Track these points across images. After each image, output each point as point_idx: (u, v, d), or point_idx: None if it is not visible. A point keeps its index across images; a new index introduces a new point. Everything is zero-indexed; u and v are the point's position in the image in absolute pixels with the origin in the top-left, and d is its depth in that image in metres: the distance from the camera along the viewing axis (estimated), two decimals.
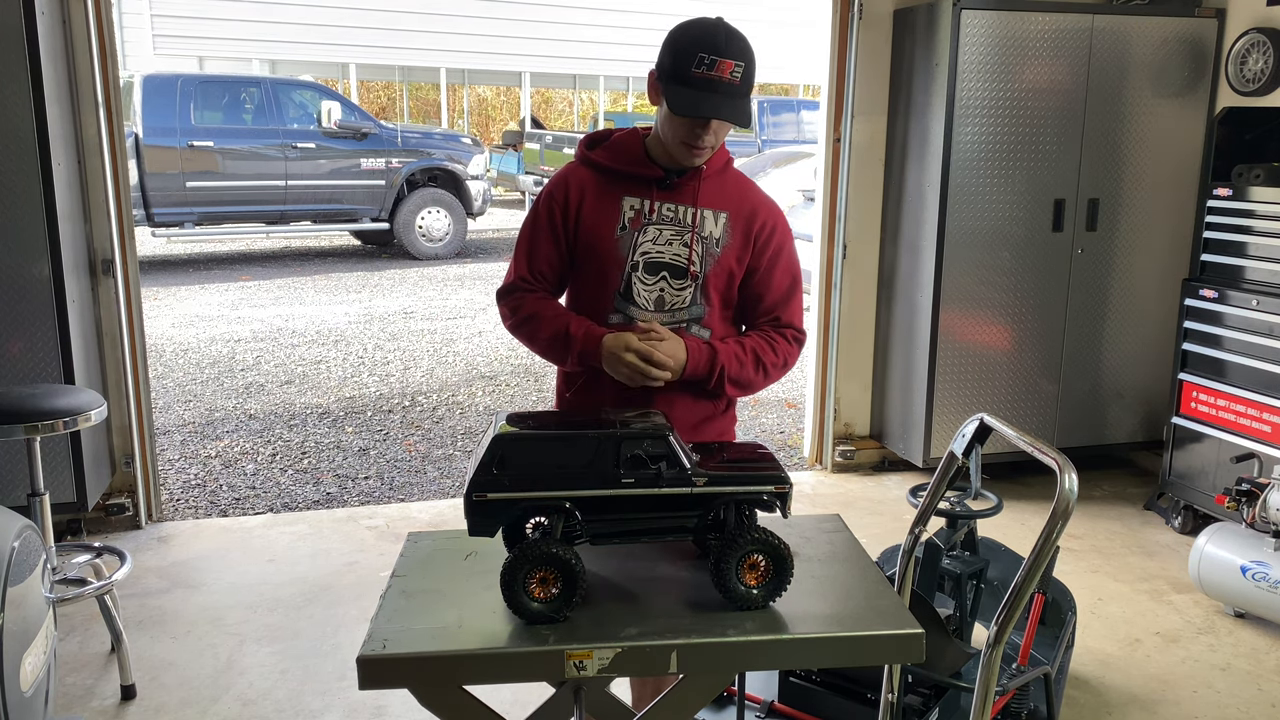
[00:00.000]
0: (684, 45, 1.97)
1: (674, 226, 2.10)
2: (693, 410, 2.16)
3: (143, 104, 10.27)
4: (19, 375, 3.73)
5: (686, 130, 2.01)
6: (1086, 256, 4.69)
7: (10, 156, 3.59)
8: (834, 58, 4.72)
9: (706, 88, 1.94)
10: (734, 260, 2.13)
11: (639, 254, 2.09)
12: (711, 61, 1.93)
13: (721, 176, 2.16)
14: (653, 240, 2.09)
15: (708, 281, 2.11)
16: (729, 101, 1.96)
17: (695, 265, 2.09)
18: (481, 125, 24.77)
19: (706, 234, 2.11)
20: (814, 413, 5.12)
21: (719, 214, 2.13)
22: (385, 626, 1.62)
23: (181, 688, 3.12)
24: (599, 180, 2.14)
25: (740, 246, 2.14)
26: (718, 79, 1.94)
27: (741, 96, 1.98)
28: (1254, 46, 4.49)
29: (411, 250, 11.68)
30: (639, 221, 2.10)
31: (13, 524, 2.12)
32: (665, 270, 2.10)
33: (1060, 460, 1.68)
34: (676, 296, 2.11)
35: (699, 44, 1.94)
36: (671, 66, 1.98)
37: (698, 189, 2.11)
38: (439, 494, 4.85)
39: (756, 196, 2.19)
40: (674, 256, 2.10)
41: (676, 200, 2.11)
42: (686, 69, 1.95)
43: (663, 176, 2.10)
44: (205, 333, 8.08)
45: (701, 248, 2.10)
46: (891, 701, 2.22)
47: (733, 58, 1.94)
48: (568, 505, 1.64)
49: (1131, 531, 4.39)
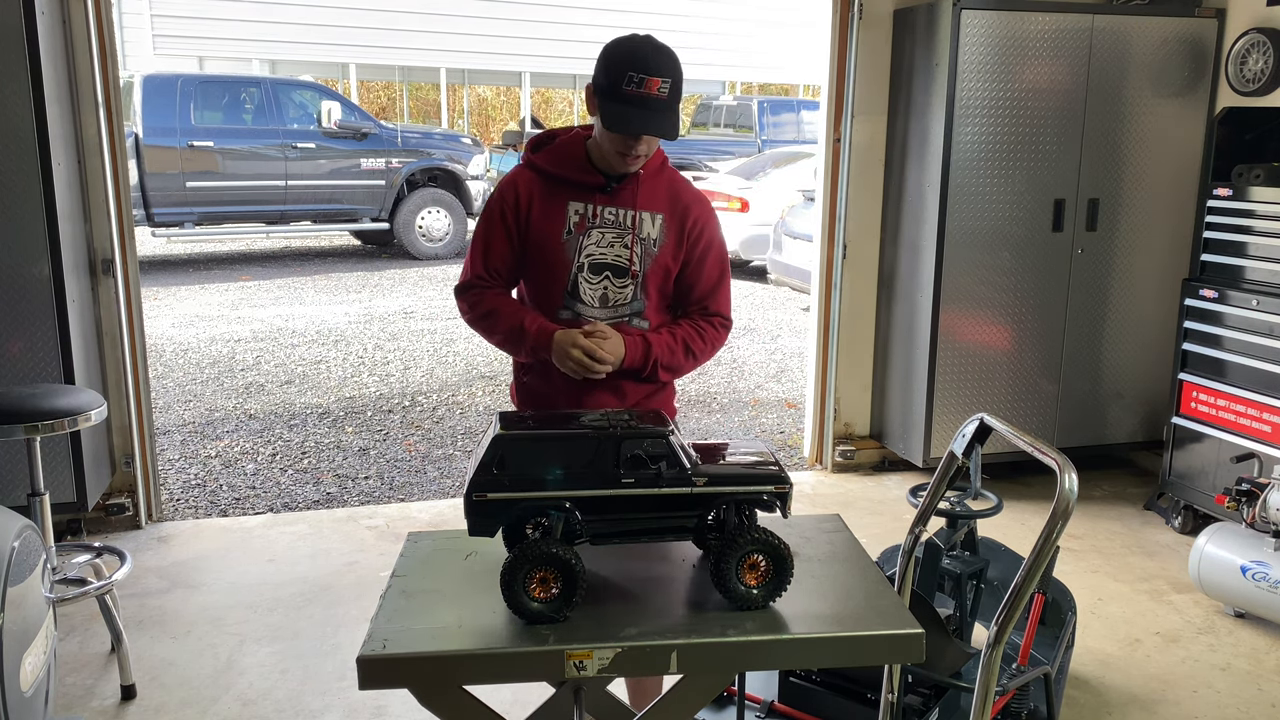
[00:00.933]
0: (615, 63, 2.12)
1: (615, 230, 2.27)
2: (635, 391, 2.35)
3: (143, 104, 10.26)
4: (19, 375, 3.73)
5: (620, 143, 2.17)
6: (1086, 256, 4.69)
7: (10, 156, 3.59)
8: (834, 58, 4.72)
9: (637, 104, 2.10)
10: (670, 258, 2.31)
11: (584, 256, 2.27)
12: (640, 79, 2.08)
13: (657, 178, 2.31)
14: (596, 243, 2.27)
15: (647, 279, 2.29)
16: (657, 117, 2.12)
17: (635, 265, 2.27)
18: (481, 125, 24.75)
19: (645, 235, 2.28)
20: (814, 413, 5.12)
21: (655, 215, 2.29)
22: (385, 626, 1.62)
23: (181, 688, 3.12)
24: (545, 185, 2.30)
25: (675, 245, 2.31)
26: (646, 95, 2.09)
27: (669, 110, 2.14)
28: (1254, 46, 4.49)
29: (411, 250, 11.68)
30: (583, 226, 2.27)
31: (13, 524, 2.12)
32: (608, 270, 2.28)
33: (1060, 460, 1.68)
34: (619, 294, 2.29)
35: (628, 63, 2.10)
36: (605, 84, 2.14)
37: (636, 193, 2.27)
38: (439, 494, 4.85)
39: (689, 195, 2.36)
40: (616, 257, 2.27)
41: (617, 204, 2.27)
42: (618, 86, 2.10)
43: (604, 184, 2.26)
44: (205, 333, 8.08)
45: (640, 249, 2.28)
46: (891, 701, 2.22)
47: (660, 75, 2.09)
48: (568, 505, 1.64)
49: (1131, 531, 4.39)
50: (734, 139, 15.46)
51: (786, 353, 7.85)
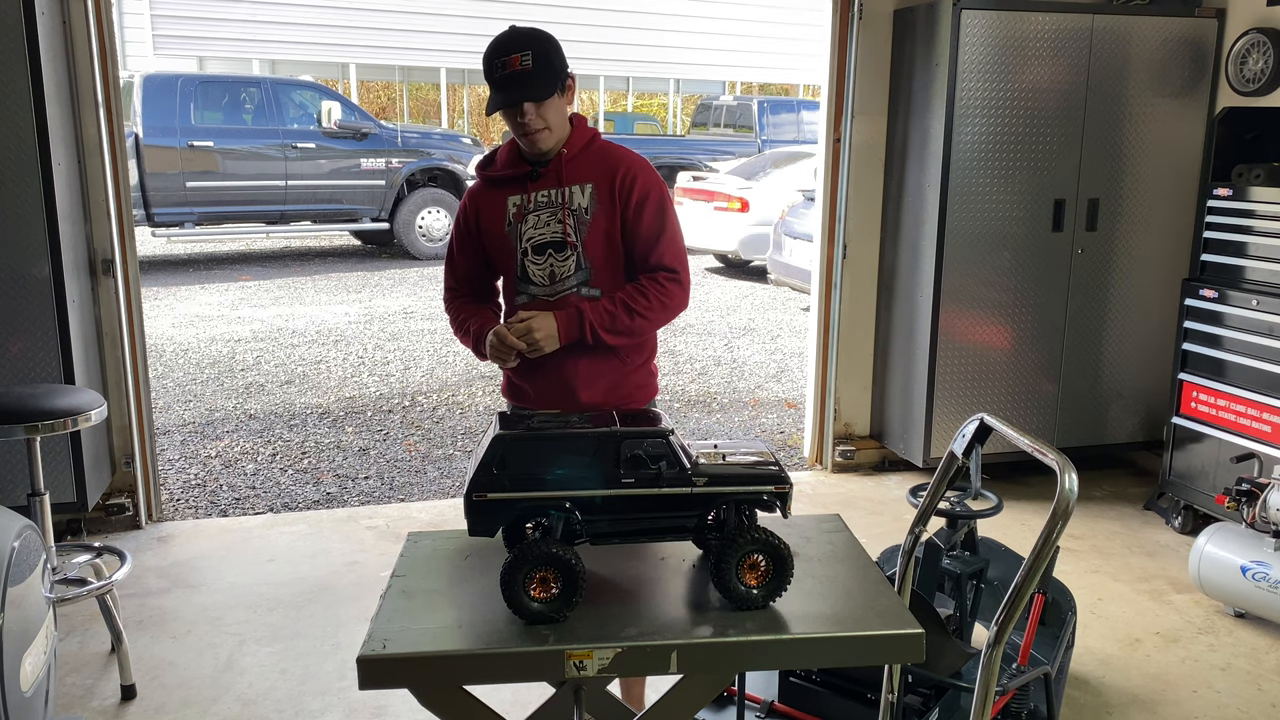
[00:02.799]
0: (485, 60, 2.29)
1: (549, 209, 2.39)
2: (599, 371, 2.43)
3: (143, 104, 10.26)
4: (19, 375, 3.73)
5: (511, 123, 2.32)
6: (1086, 256, 4.69)
7: (10, 156, 3.59)
8: (834, 58, 4.72)
9: (506, 84, 2.26)
10: (605, 220, 2.39)
11: (525, 241, 2.40)
12: (502, 62, 2.25)
13: (584, 154, 2.42)
14: (533, 226, 2.40)
15: (586, 246, 2.39)
16: (525, 86, 2.26)
17: (571, 236, 2.38)
18: (481, 125, 24.75)
19: (575, 206, 2.39)
20: (814, 413, 5.12)
21: (585, 186, 2.40)
22: (385, 626, 1.62)
23: (181, 688, 3.12)
24: (487, 189, 2.48)
25: (609, 206, 2.39)
26: (512, 73, 2.25)
27: (537, 78, 2.26)
28: (1254, 46, 4.49)
29: (411, 250, 11.68)
30: (521, 214, 2.41)
31: (13, 524, 2.12)
32: (550, 247, 2.39)
33: (1060, 460, 1.68)
34: (562, 266, 2.40)
35: (491, 54, 2.27)
36: (486, 79, 2.31)
37: (561, 171, 2.39)
38: (439, 494, 4.85)
39: (619, 158, 2.44)
40: (553, 234, 2.39)
41: (547, 186, 2.39)
42: (491, 76, 2.28)
43: (530, 170, 2.40)
44: (205, 333, 8.08)
45: (573, 219, 2.38)
46: (891, 701, 2.22)
47: (516, 51, 2.25)
48: (568, 505, 1.64)
49: (1131, 531, 4.39)
50: (734, 139, 15.46)
51: (786, 353, 7.85)
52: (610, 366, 2.45)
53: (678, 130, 20.41)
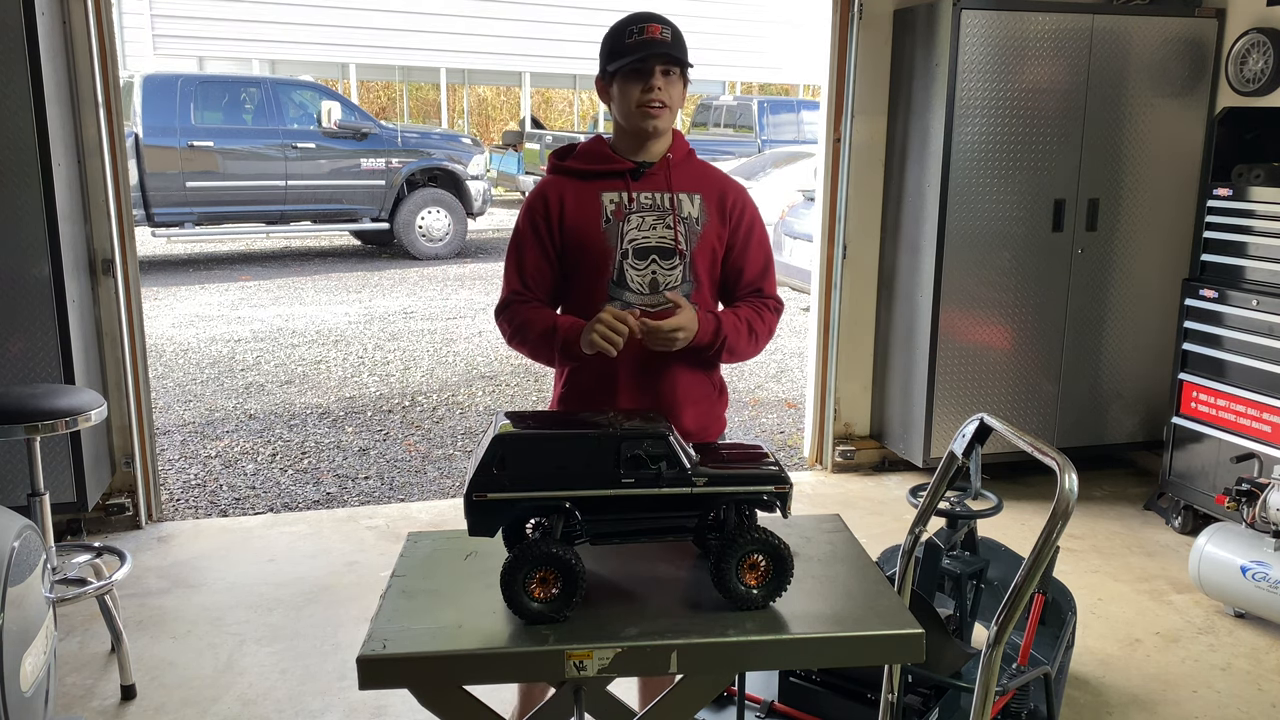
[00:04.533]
0: (612, 33, 2.18)
1: (654, 212, 2.22)
2: (697, 395, 2.28)
3: (143, 104, 10.26)
4: (19, 375, 3.73)
5: (638, 95, 2.15)
6: (1086, 256, 4.69)
7: (10, 156, 3.59)
8: (834, 58, 4.72)
9: (641, 46, 2.13)
10: (714, 237, 2.26)
11: (627, 242, 2.20)
12: (639, 29, 2.13)
13: (687, 164, 2.29)
14: (637, 227, 2.21)
15: (694, 258, 2.23)
16: (663, 51, 2.13)
17: (682, 244, 2.21)
18: (481, 125, 24.76)
19: (686, 215, 2.23)
20: (814, 413, 5.12)
21: (693, 195, 2.25)
22: (385, 626, 1.62)
23: (181, 688, 3.12)
24: (575, 183, 2.26)
25: (718, 224, 2.26)
26: (650, 39, 2.12)
27: (676, 48, 2.14)
28: (1254, 46, 4.48)
29: (411, 250, 11.68)
30: (621, 213, 2.21)
31: (13, 524, 2.12)
32: (654, 253, 2.21)
33: (1060, 460, 1.68)
34: (668, 276, 2.21)
35: (624, 25, 2.16)
36: (609, 52, 2.18)
37: (670, 175, 2.24)
38: (439, 494, 4.85)
39: (723, 179, 2.34)
40: (660, 239, 2.21)
41: (652, 188, 2.23)
42: (620, 44, 2.15)
43: (634, 168, 2.23)
44: (205, 333, 8.08)
45: (684, 227, 2.22)
46: (891, 701, 2.22)
47: (657, 22, 2.14)
48: (568, 505, 1.64)
49: (1131, 531, 4.39)
50: (734, 139, 15.47)
51: (786, 353, 7.85)
52: (704, 392, 2.30)
53: None
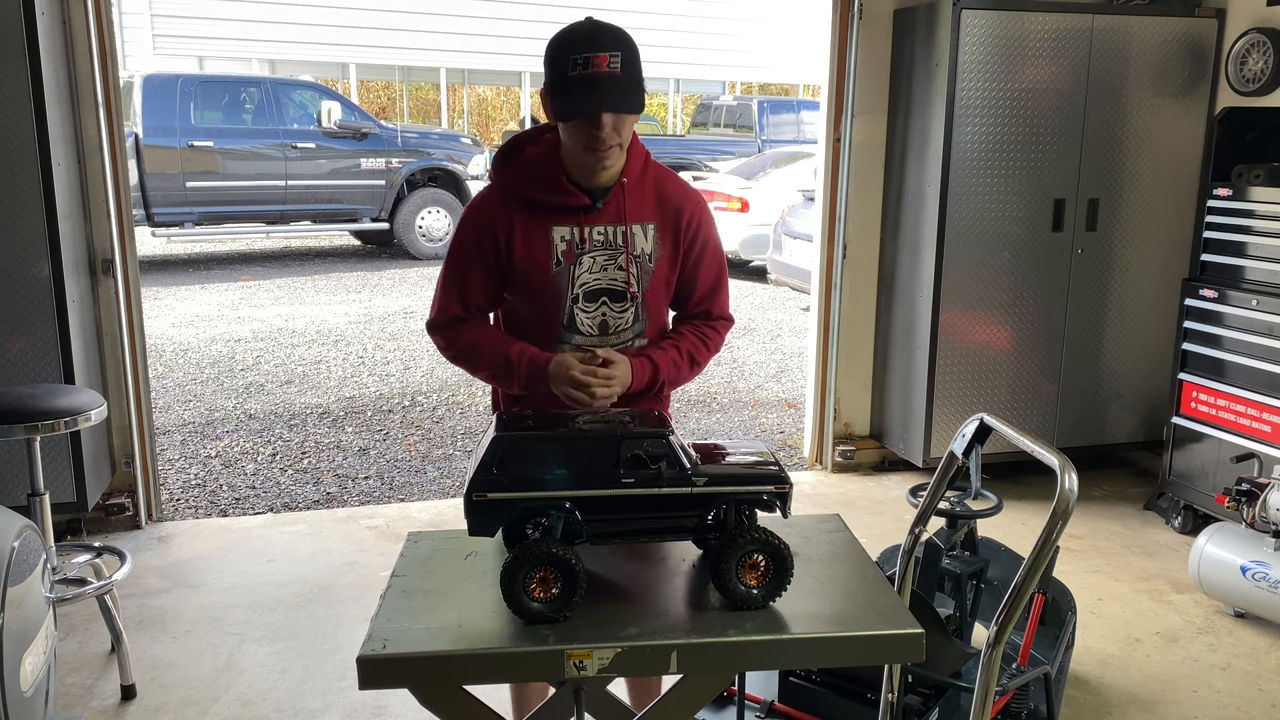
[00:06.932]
0: (556, 52, 1.92)
1: (607, 251, 2.08)
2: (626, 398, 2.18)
3: (143, 104, 10.26)
4: (19, 375, 3.73)
5: (584, 135, 1.95)
6: (1086, 256, 4.69)
7: (10, 156, 3.59)
8: (834, 58, 4.72)
9: (586, 85, 1.89)
10: (667, 270, 2.16)
11: (578, 286, 2.08)
12: (584, 59, 1.88)
13: (642, 183, 2.12)
14: (588, 270, 2.08)
15: (646, 299, 2.14)
16: (612, 92, 1.90)
17: (634, 286, 2.10)
18: (481, 125, 24.75)
19: (639, 252, 2.10)
20: (814, 413, 5.12)
21: (647, 226, 2.11)
22: (385, 626, 1.62)
23: (181, 687, 3.12)
24: (523, 211, 2.08)
25: (671, 252, 2.15)
26: (595, 74, 1.88)
27: (627, 85, 1.91)
28: (1254, 46, 4.48)
29: (411, 250, 11.68)
30: (572, 254, 2.06)
31: (13, 524, 2.12)
32: (605, 295, 2.10)
33: (1060, 460, 1.68)
34: (619, 319, 2.13)
35: (568, 47, 1.90)
36: (551, 78, 1.95)
37: (624, 205, 2.08)
38: (439, 494, 4.85)
39: (678, 193, 2.18)
40: (611, 281, 2.09)
41: (605, 221, 2.08)
42: (564, 74, 1.90)
43: (589, 204, 2.06)
44: (205, 333, 8.08)
45: (637, 268, 2.10)
46: (891, 701, 2.22)
47: (605, 50, 1.89)
48: (568, 505, 1.64)
49: (1131, 531, 4.39)
50: (734, 139, 15.46)
51: (786, 353, 7.85)
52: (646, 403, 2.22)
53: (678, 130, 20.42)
